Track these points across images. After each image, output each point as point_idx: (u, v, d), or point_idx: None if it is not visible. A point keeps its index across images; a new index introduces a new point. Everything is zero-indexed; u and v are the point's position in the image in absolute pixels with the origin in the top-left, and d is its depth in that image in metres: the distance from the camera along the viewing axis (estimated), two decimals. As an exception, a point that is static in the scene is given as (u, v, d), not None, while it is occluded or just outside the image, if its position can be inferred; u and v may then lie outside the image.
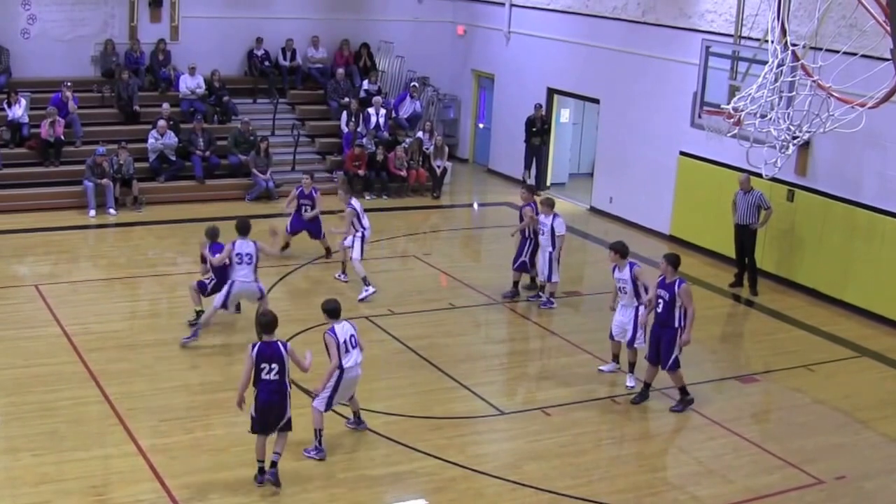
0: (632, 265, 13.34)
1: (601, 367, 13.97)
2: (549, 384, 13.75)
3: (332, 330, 11.09)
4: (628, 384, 13.45)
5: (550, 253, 16.13)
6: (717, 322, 16.29)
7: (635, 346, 13.36)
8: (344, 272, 16.97)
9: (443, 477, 11.02)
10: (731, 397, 13.48)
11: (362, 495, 10.58)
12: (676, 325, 12.61)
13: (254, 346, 10.36)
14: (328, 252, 18.01)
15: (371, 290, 16.16)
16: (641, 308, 13.26)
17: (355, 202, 16.37)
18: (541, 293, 16.62)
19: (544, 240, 16.15)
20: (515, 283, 16.76)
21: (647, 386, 13.10)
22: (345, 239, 16.50)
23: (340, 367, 11.05)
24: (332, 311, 11.14)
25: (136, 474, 10.67)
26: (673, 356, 12.67)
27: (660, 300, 12.69)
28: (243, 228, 14.30)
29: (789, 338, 15.96)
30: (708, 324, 15.72)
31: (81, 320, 14.76)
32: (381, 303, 16.09)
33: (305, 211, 17.83)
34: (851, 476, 11.53)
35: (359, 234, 16.31)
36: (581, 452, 11.69)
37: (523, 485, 10.93)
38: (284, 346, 10.43)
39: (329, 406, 11.23)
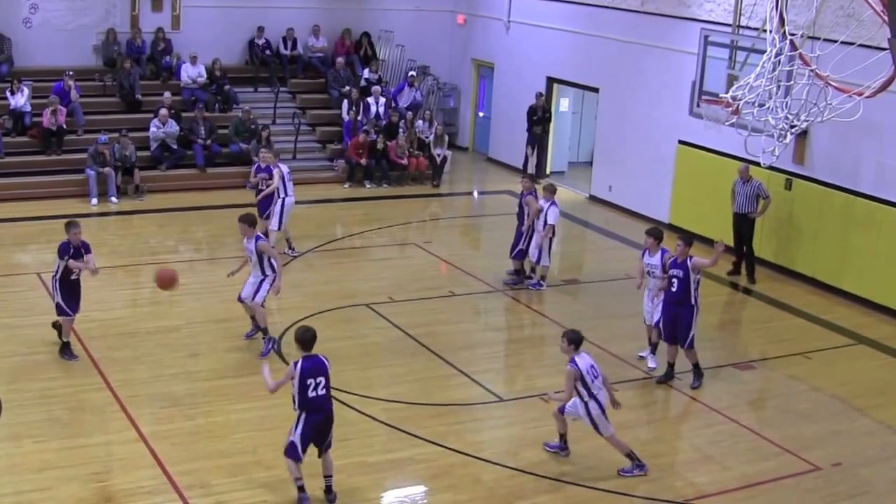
0: (663, 251, 13.40)
1: (649, 362, 13.78)
2: (548, 371, 13.80)
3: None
4: (651, 365, 13.63)
5: (541, 237, 16.25)
6: (715, 310, 16.33)
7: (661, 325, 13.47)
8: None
9: (442, 463, 11.11)
10: (728, 384, 13.54)
11: (361, 482, 10.65)
12: (693, 302, 12.86)
13: (296, 364, 9.79)
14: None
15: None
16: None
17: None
18: (532, 274, 16.71)
19: (539, 224, 16.24)
20: (517, 271, 16.82)
21: (671, 366, 13.29)
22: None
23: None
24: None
25: (138, 461, 10.76)
26: (691, 334, 12.92)
27: (674, 280, 12.87)
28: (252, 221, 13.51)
29: (787, 325, 16.02)
30: (706, 311, 15.66)
31: (83, 308, 14.77)
32: (381, 290, 16.16)
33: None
34: (848, 463, 11.60)
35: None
36: (578, 439, 11.72)
37: (522, 471, 11.02)
38: (326, 359, 9.95)
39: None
